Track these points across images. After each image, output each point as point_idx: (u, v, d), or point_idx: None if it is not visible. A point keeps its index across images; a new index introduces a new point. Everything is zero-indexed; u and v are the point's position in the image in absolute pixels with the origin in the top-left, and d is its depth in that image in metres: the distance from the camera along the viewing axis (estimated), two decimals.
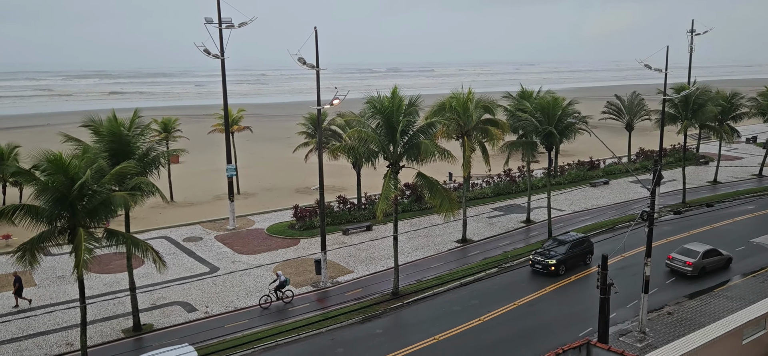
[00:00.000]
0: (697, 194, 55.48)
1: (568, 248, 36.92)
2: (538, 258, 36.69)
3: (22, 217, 22.83)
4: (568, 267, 36.53)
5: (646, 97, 73.86)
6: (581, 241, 37.92)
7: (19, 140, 53.16)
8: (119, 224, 30.28)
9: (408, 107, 32.04)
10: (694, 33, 58.68)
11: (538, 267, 36.45)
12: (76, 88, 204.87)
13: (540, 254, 36.93)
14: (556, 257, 36.18)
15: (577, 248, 37.39)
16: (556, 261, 35.95)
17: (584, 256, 37.71)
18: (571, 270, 36.58)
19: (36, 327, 29.73)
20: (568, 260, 36.56)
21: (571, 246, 37.06)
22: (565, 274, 36.11)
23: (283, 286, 32.48)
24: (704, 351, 17.95)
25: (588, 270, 36.79)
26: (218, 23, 44.16)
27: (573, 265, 36.86)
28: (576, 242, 37.60)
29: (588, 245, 38.18)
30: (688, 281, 34.81)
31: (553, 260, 36.06)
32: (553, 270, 35.89)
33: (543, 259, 36.43)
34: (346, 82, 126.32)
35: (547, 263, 36.14)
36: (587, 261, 37.69)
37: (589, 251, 38.07)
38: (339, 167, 56.22)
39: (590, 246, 38.33)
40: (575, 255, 37.15)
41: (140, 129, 29.71)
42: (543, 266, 36.27)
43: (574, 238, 37.90)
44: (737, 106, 57.45)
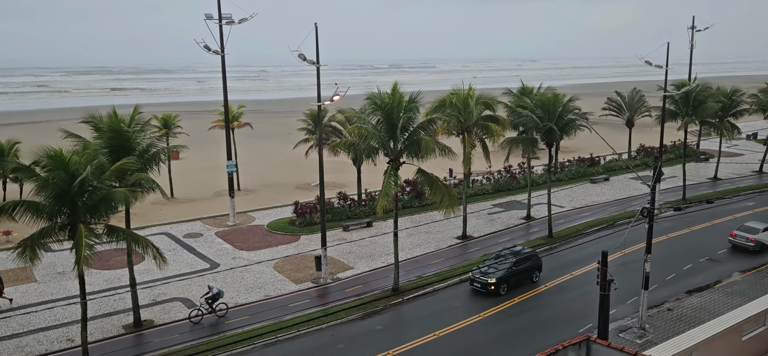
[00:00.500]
0: (697, 190, 55.47)
1: (512, 264, 33.48)
2: (477, 276, 33.32)
3: (23, 213, 22.84)
4: (510, 285, 33.15)
5: (646, 93, 73.81)
6: (527, 256, 34.51)
7: (19, 137, 53.15)
8: (119, 220, 30.30)
9: (408, 104, 32.02)
10: (694, 29, 58.61)
11: (477, 286, 33.07)
12: (76, 84, 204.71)
13: (480, 271, 33.59)
14: (495, 276, 32.78)
15: (522, 265, 33.92)
16: (496, 280, 32.52)
17: (531, 273, 34.40)
18: (514, 290, 33.22)
19: (36, 323, 29.77)
20: (511, 279, 33.15)
21: (514, 263, 33.61)
22: (508, 294, 32.69)
23: (216, 299, 30.44)
24: (704, 347, 17.98)
25: (535, 289, 33.73)
26: (218, 19, 44.12)
27: (518, 283, 33.54)
28: (521, 258, 34.15)
29: (535, 261, 34.83)
30: (750, 255, 38.27)
31: (493, 278, 32.66)
32: (492, 289, 32.50)
33: (481, 277, 33.06)
34: (347, 78, 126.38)
35: (486, 281, 32.68)
36: (534, 279, 34.52)
37: (537, 268, 34.76)
38: (339, 163, 56.27)
39: (538, 262, 34.95)
40: (520, 273, 33.73)
41: (140, 125, 29.66)
42: (482, 285, 32.77)
43: (518, 253, 34.56)
44: (738, 102, 57.43)
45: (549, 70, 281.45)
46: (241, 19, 44.42)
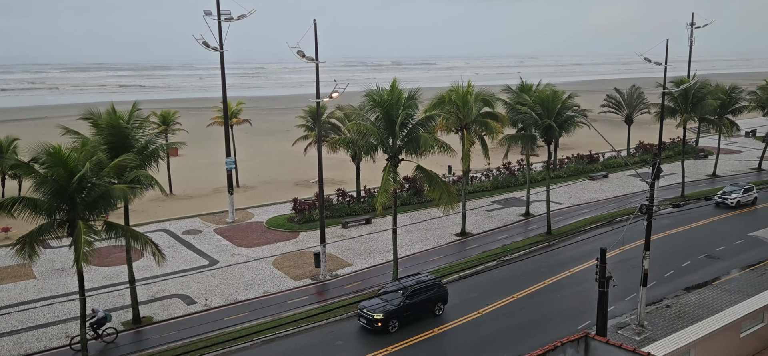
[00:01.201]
0: (696, 187, 55.53)
1: (406, 297, 28.69)
2: (364, 311, 28.48)
3: (22, 210, 22.82)
4: (403, 321, 28.52)
5: (645, 90, 73.82)
6: (427, 286, 29.64)
7: (17, 133, 53.13)
8: (118, 216, 30.32)
9: (407, 100, 32.00)
10: (694, 26, 58.59)
11: (363, 321, 28.47)
12: (75, 81, 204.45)
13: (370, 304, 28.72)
14: (383, 309, 28.11)
15: (419, 297, 29.11)
16: (383, 315, 27.85)
17: (432, 305, 29.66)
18: (411, 326, 28.67)
19: (36, 320, 29.78)
20: (403, 313, 28.47)
21: (410, 294, 28.79)
22: (400, 333, 28.17)
23: (102, 323, 27.53)
24: (703, 344, 18.02)
25: (439, 326, 29.02)
26: (217, 16, 44.07)
27: (414, 318, 28.98)
28: (417, 288, 29.29)
29: (438, 291, 29.97)
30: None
31: (380, 313, 27.95)
32: (380, 326, 27.82)
33: (368, 311, 28.25)
34: (347, 74, 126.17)
35: (371, 317, 28.02)
36: (437, 313, 29.80)
37: (440, 299, 29.96)
38: (338, 160, 56.27)
39: (442, 293, 30.09)
40: (416, 306, 28.90)
41: (139, 122, 29.66)
42: (368, 321, 28.12)
43: (416, 283, 29.57)
44: (737, 99, 57.43)
45: (548, 67, 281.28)
46: (240, 16, 44.41)
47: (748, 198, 48.63)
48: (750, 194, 48.94)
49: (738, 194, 48.18)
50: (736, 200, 47.91)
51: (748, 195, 48.80)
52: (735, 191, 48.55)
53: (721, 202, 48.43)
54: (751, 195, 49.05)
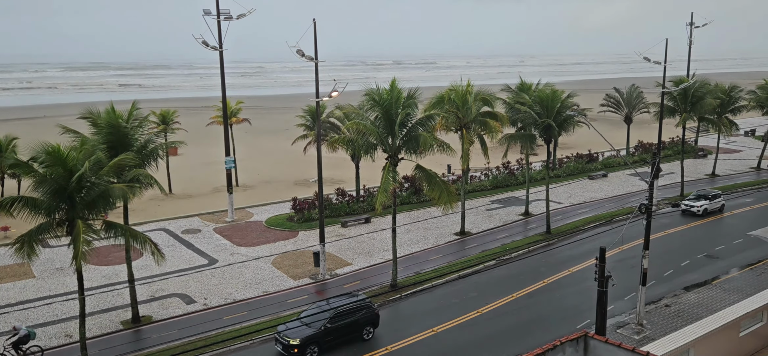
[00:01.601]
0: (695, 186, 55.46)
1: (328, 320, 26.40)
2: (280, 335, 26.10)
3: (21, 209, 22.80)
4: (324, 347, 26.20)
5: (645, 90, 73.83)
6: (354, 309, 27.16)
7: (17, 132, 53.09)
8: (118, 216, 30.30)
9: (407, 100, 32.00)
10: (693, 25, 58.58)
11: (279, 348, 26.21)
12: (74, 79, 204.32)
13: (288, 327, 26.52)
14: (301, 335, 25.73)
15: (344, 320, 26.71)
16: (300, 341, 25.49)
17: (360, 329, 27.20)
18: (335, 351, 26.58)
19: (35, 319, 29.75)
20: (324, 338, 26.11)
21: (333, 318, 26.48)
22: None
23: (25, 341, 25.65)
24: (702, 343, 18.04)
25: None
26: (217, 15, 44.04)
27: (338, 343, 26.67)
28: (344, 311, 26.83)
29: (366, 313, 27.45)
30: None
31: (297, 339, 25.57)
32: (296, 352, 25.38)
33: (284, 336, 25.90)
34: (346, 73, 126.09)
35: (287, 342, 25.69)
36: (366, 337, 27.40)
37: (370, 323, 27.50)
38: (338, 159, 56.26)
39: (371, 316, 27.59)
40: (340, 329, 26.57)
41: (138, 121, 29.68)
42: (284, 347, 25.80)
43: (341, 305, 27.13)
44: (736, 99, 57.46)
45: (548, 67, 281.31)
46: (239, 15, 44.38)
47: (715, 205, 46.59)
48: (717, 202, 46.80)
49: (705, 202, 46.07)
50: (702, 208, 45.70)
51: (716, 202, 46.73)
52: (702, 199, 46.32)
53: (686, 210, 46.33)
54: (718, 202, 46.90)
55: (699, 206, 45.88)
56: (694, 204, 46.27)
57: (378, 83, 33.17)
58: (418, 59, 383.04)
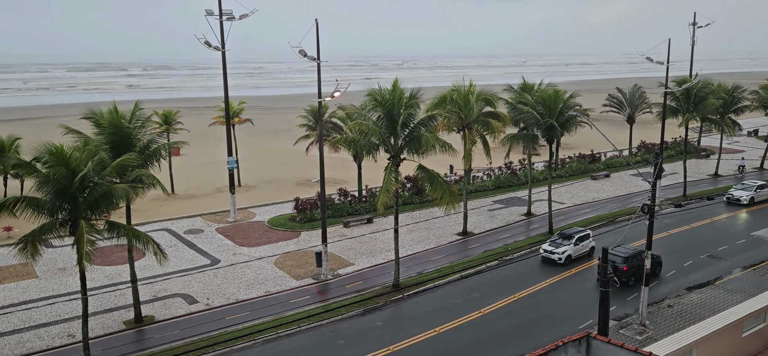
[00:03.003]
0: (698, 187, 55.46)
1: None
2: None
3: (24, 209, 22.86)
4: None
5: (647, 90, 73.74)
6: None
7: (20, 132, 53.19)
8: (120, 216, 30.38)
9: (409, 100, 31.99)
10: (696, 25, 58.51)
11: None
12: (77, 80, 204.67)
13: None
14: None
15: None
16: None
17: None
18: None
19: (38, 319, 29.82)
20: None
21: None
22: None
23: None
24: (704, 343, 18.00)
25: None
26: (219, 15, 44.08)
27: None
28: None
29: None
30: None
31: None
32: None
33: None
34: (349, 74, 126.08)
35: None
36: None
37: None
38: (340, 159, 56.27)
39: None
40: None
41: (141, 121, 29.71)
42: None
43: None
44: (739, 99, 57.39)
45: (551, 67, 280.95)
46: (241, 15, 44.40)
47: (583, 250, 37.17)
48: (585, 244, 37.29)
49: (568, 246, 36.42)
50: (565, 254, 36.22)
51: (583, 247, 37.09)
52: (565, 244, 36.70)
53: (546, 258, 36.88)
54: (587, 245, 37.38)
55: (560, 254, 36.26)
56: (554, 251, 36.60)
57: (380, 83, 33.17)
58: (420, 60, 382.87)
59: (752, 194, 48.67)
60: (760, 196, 49.09)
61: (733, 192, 49.50)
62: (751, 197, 48.38)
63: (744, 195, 48.56)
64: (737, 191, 49.37)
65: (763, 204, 48.52)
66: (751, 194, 48.64)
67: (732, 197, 49.09)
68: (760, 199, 49.09)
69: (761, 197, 49.16)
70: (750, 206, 48.26)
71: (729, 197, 49.43)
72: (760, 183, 49.94)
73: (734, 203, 48.64)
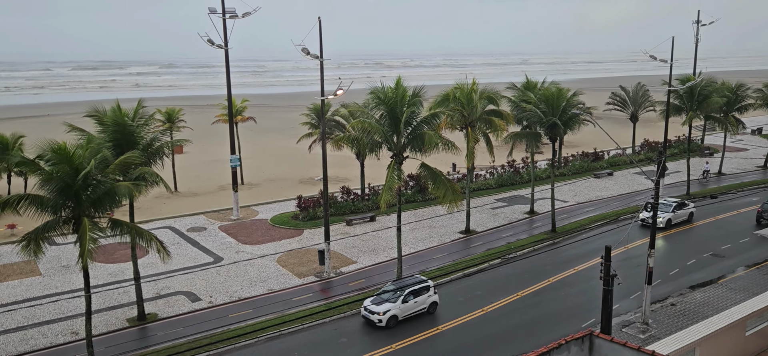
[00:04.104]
0: (701, 185, 55.32)
1: None
2: None
3: (27, 207, 22.90)
4: None
5: (651, 88, 73.56)
6: None
7: (23, 130, 53.31)
8: (123, 214, 30.40)
9: (411, 98, 31.95)
10: (700, 23, 58.35)
11: None
12: (80, 78, 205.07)
13: None
14: None
15: None
16: None
17: None
18: None
19: (41, 316, 29.91)
20: None
21: None
22: None
23: None
24: (708, 342, 17.97)
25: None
26: (222, 13, 44.09)
27: None
28: None
29: None
30: None
31: None
32: None
33: None
34: (352, 72, 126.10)
35: None
36: None
37: None
38: (343, 157, 56.26)
39: None
40: None
41: (144, 119, 29.75)
42: None
43: None
44: (743, 97, 57.25)
45: (554, 65, 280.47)
46: (244, 13, 44.37)
47: (419, 308, 29.18)
48: (422, 301, 29.18)
49: (394, 305, 28.27)
50: (387, 315, 28.06)
51: (417, 304, 29.07)
52: (391, 301, 28.63)
53: (366, 318, 28.82)
54: (424, 301, 29.21)
55: (381, 315, 28.10)
56: (374, 311, 28.43)
57: (383, 82, 33.15)
58: (423, 58, 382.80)
59: (669, 215, 42.26)
60: (677, 217, 43.04)
61: (646, 215, 41.28)
62: (667, 219, 42.03)
63: (659, 217, 41.33)
64: None
65: (681, 226, 42.28)
66: (668, 215, 42.24)
67: (646, 220, 41.12)
68: (678, 221, 43.08)
69: (679, 218, 43.19)
70: (666, 229, 41.79)
71: (643, 219, 42.07)
72: (677, 201, 43.95)
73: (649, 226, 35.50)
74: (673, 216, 42.99)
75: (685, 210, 43.44)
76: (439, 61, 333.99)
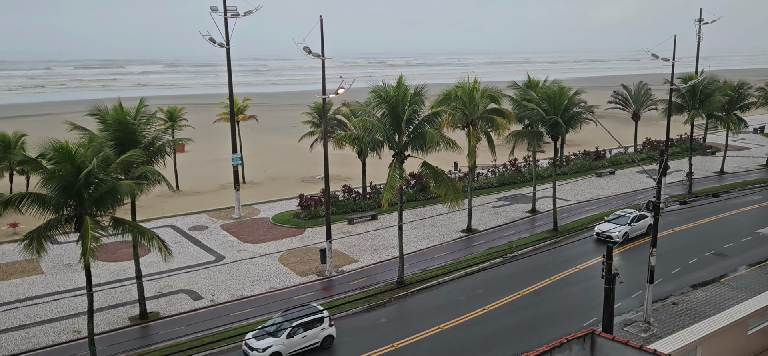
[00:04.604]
0: (703, 184, 55.26)
1: None
2: None
3: (29, 205, 22.93)
4: None
5: (653, 86, 73.46)
6: None
7: (25, 129, 53.35)
8: (125, 212, 30.41)
9: (413, 97, 31.96)
10: (702, 22, 58.21)
11: None
12: (82, 77, 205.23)
13: None
14: None
15: None
16: None
17: None
18: None
19: (43, 315, 29.96)
20: None
21: None
22: None
23: None
24: (709, 341, 17.96)
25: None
26: (223, 12, 44.09)
27: None
28: None
29: None
30: None
31: None
32: None
33: None
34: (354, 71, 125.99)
35: None
36: None
37: None
38: (344, 156, 56.26)
39: None
40: None
41: (146, 118, 29.78)
42: None
43: None
44: (745, 96, 57.14)
45: (556, 63, 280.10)
46: (246, 12, 44.36)
47: (309, 343, 26.36)
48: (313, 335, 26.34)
49: (278, 341, 25.44)
50: (269, 352, 25.15)
51: (306, 339, 26.27)
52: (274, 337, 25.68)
53: None
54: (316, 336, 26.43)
55: (260, 350, 25.13)
56: (254, 345, 25.44)
57: (384, 80, 33.14)
58: (425, 57, 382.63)
59: (626, 228, 39.50)
60: (635, 230, 40.22)
61: (603, 227, 40.14)
62: (624, 233, 39.17)
63: (616, 231, 39.26)
64: (607, 225, 40.26)
65: (639, 240, 39.60)
66: (625, 228, 39.49)
67: (602, 233, 39.60)
68: (636, 234, 40.21)
69: (637, 231, 40.30)
70: (623, 244, 38.80)
71: (599, 233, 39.95)
72: (636, 214, 40.96)
73: (605, 241, 38.04)
74: (631, 229, 39.74)
75: (643, 222, 40.31)
76: (442, 60, 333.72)
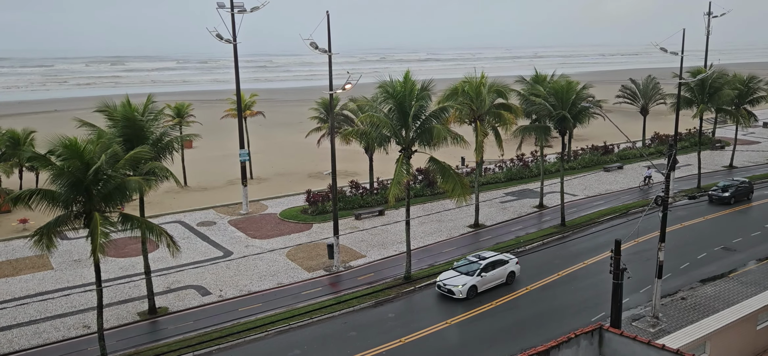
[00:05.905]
0: (712, 178, 54.90)
1: None
2: None
3: (39, 201, 23.09)
4: None
5: (661, 80, 73.00)
6: None
7: (34, 126, 53.71)
8: (134, 208, 30.61)
9: (420, 92, 31.92)
10: (711, 15, 57.77)
11: None
12: (91, 73, 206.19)
13: None
14: None
15: None
16: None
17: None
18: None
19: (53, 310, 30.19)
20: None
21: None
22: None
23: None
24: (718, 336, 17.90)
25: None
26: (230, 8, 44.15)
27: None
28: None
29: None
30: None
31: None
32: None
33: None
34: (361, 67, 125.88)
35: None
36: None
37: None
38: (351, 151, 56.31)
39: None
40: None
41: (154, 114, 29.88)
42: None
43: None
44: (755, 89, 56.69)
45: (564, 57, 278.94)
46: (253, 8, 44.39)
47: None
48: None
49: None
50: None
51: None
52: None
53: None
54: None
55: None
56: None
57: (391, 75, 33.12)
58: (432, 51, 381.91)
59: (475, 280, 30.45)
60: (488, 282, 31.09)
61: (445, 280, 30.94)
62: (471, 287, 30.27)
63: (460, 285, 30.24)
64: (451, 279, 30.79)
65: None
66: (473, 280, 30.42)
67: (442, 286, 30.80)
68: (486, 287, 31.08)
69: (489, 282, 31.19)
70: (468, 299, 30.12)
71: (439, 285, 31.09)
72: (492, 259, 31.67)
73: (446, 296, 30.68)
74: (480, 281, 30.66)
75: (502, 269, 31.61)
76: (451, 55, 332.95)
